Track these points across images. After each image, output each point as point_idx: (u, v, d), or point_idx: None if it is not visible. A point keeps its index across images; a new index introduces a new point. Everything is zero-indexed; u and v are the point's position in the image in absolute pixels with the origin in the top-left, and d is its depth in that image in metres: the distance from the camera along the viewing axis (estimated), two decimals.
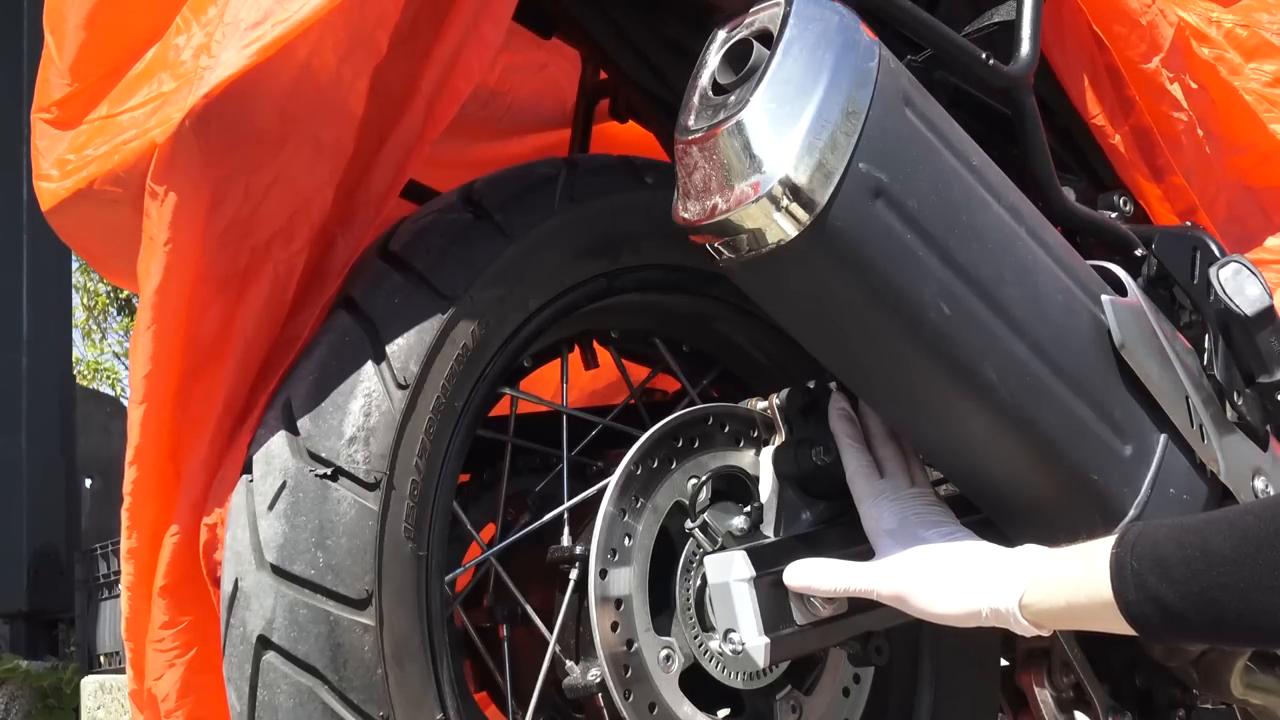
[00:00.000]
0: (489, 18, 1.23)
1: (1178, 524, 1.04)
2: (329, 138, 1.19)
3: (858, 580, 1.18)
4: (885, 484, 1.23)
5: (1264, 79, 1.69)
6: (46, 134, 1.29)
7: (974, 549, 1.16)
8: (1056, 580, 1.09)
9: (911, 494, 1.22)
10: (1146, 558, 1.02)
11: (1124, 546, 1.04)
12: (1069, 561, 1.09)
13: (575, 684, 1.23)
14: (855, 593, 1.18)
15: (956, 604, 1.13)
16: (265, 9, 1.11)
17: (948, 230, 1.12)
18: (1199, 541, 1.00)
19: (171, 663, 1.21)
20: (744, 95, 1.08)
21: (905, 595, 1.16)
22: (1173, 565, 1.00)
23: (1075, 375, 1.19)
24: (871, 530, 1.21)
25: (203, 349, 1.18)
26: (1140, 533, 1.05)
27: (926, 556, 1.17)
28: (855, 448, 1.25)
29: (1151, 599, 1.01)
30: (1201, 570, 0.99)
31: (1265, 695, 1.42)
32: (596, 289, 1.34)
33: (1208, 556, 0.99)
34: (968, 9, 1.47)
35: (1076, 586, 1.07)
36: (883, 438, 1.26)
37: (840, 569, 1.19)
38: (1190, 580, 0.99)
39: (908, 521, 1.20)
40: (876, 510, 1.21)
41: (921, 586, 1.15)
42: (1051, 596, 1.09)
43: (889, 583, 1.17)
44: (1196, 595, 0.99)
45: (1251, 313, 1.37)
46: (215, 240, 1.16)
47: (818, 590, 1.19)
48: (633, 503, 1.22)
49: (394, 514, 1.14)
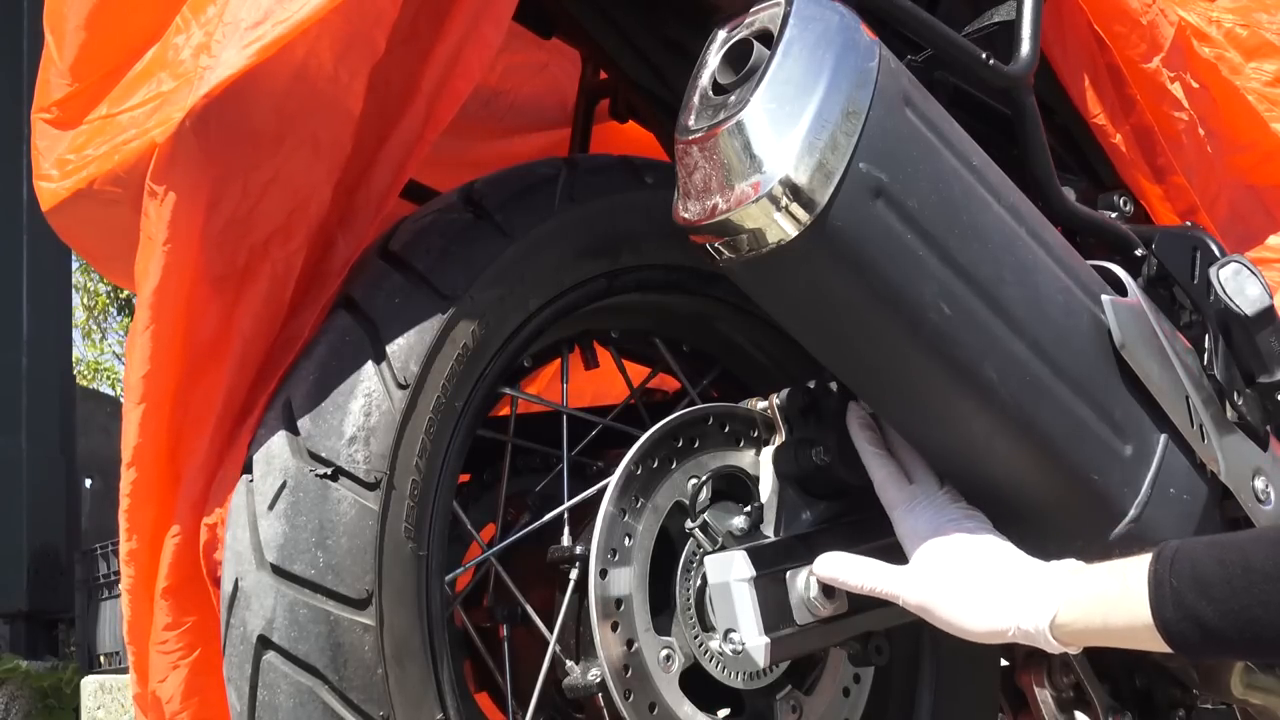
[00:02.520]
0: (489, 18, 1.23)
1: (1215, 541, 1.04)
2: (326, 136, 1.19)
3: (886, 583, 1.17)
4: (916, 489, 1.21)
5: (1264, 78, 1.69)
6: (46, 134, 1.29)
7: (1007, 565, 1.14)
8: (1092, 600, 1.07)
9: (945, 496, 1.21)
10: (1185, 575, 1.01)
11: (1162, 564, 1.03)
12: (1104, 580, 1.08)
13: (575, 684, 1.23)
14: (881, 594, 1.17)
15: (983, 622, 1.12)
16: (265, 9, 1.11)
17: (948, 230, 1.11)
18: (1240, 559, 0.99)
19: (175, 664, 1.21)
20: (744, 95, 1.08)
21: (931, 607, 1.15)
22: (1213, 583, 0.99)
23: (1075, 375, 1.19)
24: (906, 536, 1.20)
25: (201, 349, 1.18)
26: (1178, 550, 1.03)
27: (959, 569, 1.15)
28: (880, 455, 1.24)
29: (1190, 618, 1.00)
30: (1242, 588, 0.98)
31: (1265, 695, 1.42)
32: (596, 289, 1.34)
33: (1249, 574, 0.98)
34: (968, 9, 1.47)
35: (1113, 606, 1.06)
36: (905, 442, 1.25)
37: (870, 567, 1.18)
38: (1231, 598, 0.98)
39: (943, 529, 1.18)
40: (911, 516, 1.20)
41: (949, 601, 1.14)
42: (1087, 616, 1.07)
43: (917, 592, 1.15)
44: (1237, 614, 0.98)
45: (1251, 313, 1.37)
46: (213, 239, 1.16)
47: (845, 585, 1.19)
48: (633, 503, 1.22)
49: (394, 514, 1.14)
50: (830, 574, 1.19)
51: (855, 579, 1.18)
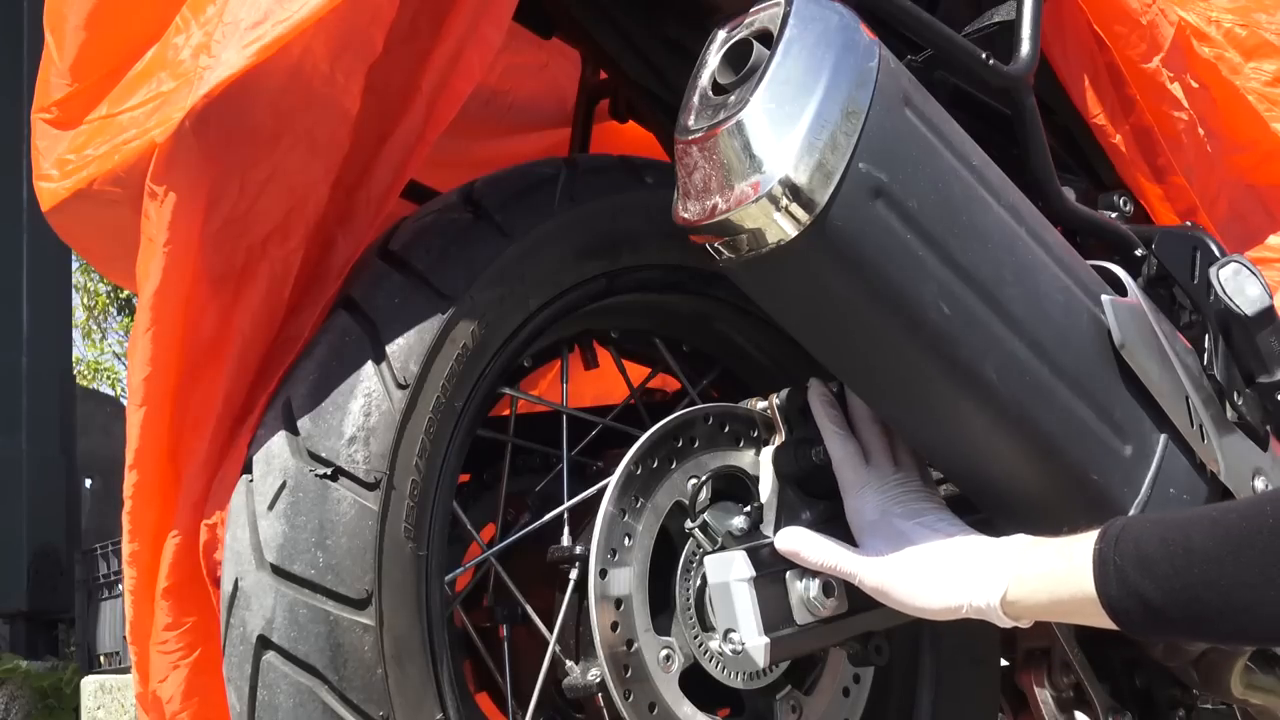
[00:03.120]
0: (489, 18, 1.23)
1: (1161, 519, 1.04)
2: (323, 135, 1.19)
3: (844, 563, 1.18)
4: (869, 472, 1.22)
5: (1264, 78, 1.69)
6: (46, 134, 1.29)
7: (955, 542, 1.16)
8: (1039, 576, 1.09)
9: (895, 480, 1.22)
10: (1129, 554, 1.02)
11: (1107, 541, 1.04)
12: (1052, 556, 1.09)
13: (575, 684, 1.23)
14: (840, 574, 1.18)
15: (936, 599, 1.14)
16: (265, 9, 1.11)
17: (948, 230, 1.12)
18: (1182, 538, 1.00)
19: (176, 664, 1.21)
20: (744, 95, 1.08)
21: (885, 588, 1.16)
22: (1155, 561, 1.00)
23: (1075, 375, 1.19)
24: (854, 522, 1.21)
25: (201, 349, 1.18)
26: (1123, 528, 1.04)
27: (907, 550, 1.16)
28: (839, 434, 1.24)
29: (1133, 595, 1.01)
30: (1184, 567, 0.99)
31: (1265, 695, 1.42)
32: (596, 289, 1.34)
33: (1190, 554, 0.99)
34: (968, 9, 1.47)
35: (1060, 582, 1.07)
36: (867, 421, 1.25)
37: (829, 547, 1.19)
38: (1172, 577, 0.99)
39: (890, 513, 1.19)
40: (859, 502, 1.21)
41: (902, 580, 1.15)
42: (1034, 593, 1.09)
43: (871, 574, 1.17)
44: (1179, 592, 0.99)
45: (1251, 313, 1.37)
46: (212, 239, 1.16)
47: (803, 560, 1.19)
48: (633, 503, 1.22)
49: (394, 514, 1.14)
50: (791, 548, 1.20)
51: (814, 556, 1.19)
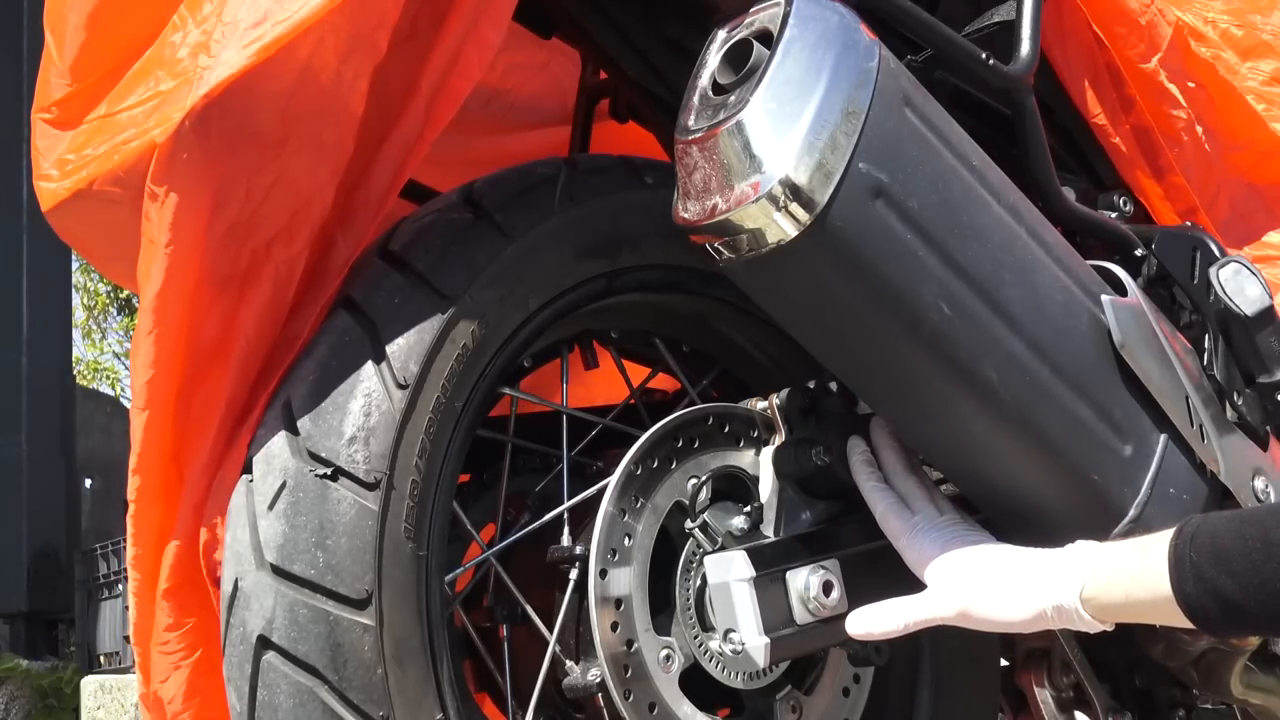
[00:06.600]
0: (489, 18, 1.23)
1: (1237, 515, 1.04)
2: (330, 138, 1.19)
3: (918, 612, 1.17)
4: (918, 517, 1.22)
5: (1261, 78, 1.69)
6: (46, 134, 1.29)
7: (1024, 554, 1.15)
8: (1114, 575, 1.08)
9: (945, 520, 1.22)
10: (1206, 550, 1.01)
11: (1182, 539, 1.03)
12: (1126, 555, 1.08)
13: (575, 684, 1.23)
14: (922, 624, 1.17)
15: (1020, 609, 1.12)
16: (264, 9, 1.10)
17: (948, 230, 1.12)
18: (1260, 533, 0.99)
19: (177, 665, 1.21)
20: (744, 95, 1.08)
21: (968, 610, 1.15)
22: (1233, 557, 1.00)
23: (1075, 375, 1.19)
24: (916, 562, 1.20)
25: (204, 352, 1.18)
26: (1199, 525, 1.04)
27: (980, 570, 1.16)
28: (880, 488, 1.24)
29: (1210, 591, 1.00)
30: (1262, 561, 0.98)
31: (1265, 695, 1.42)
32: (596, 289, 1.34)
33: (1269, 547, 0.98)
34: (968, 9, 1.47)
35: (1135, 580, 1.06)
36: (902, 474, 1.25)
37: (898, 607, 1.18)
38: (1250, 572, 0.98)
39: (950, 546, 1.18)
40: (917, 543, 1.20)
41: (982, 598, 1.14)
42: (1109, 591, 1.08)
43: (950, 604, 1.16)
44: (1257, 588, 0.98)
45: (1251, 313, 1.37)
46: (217, 242, 1.16)
47: (883, 635, 1.18)
48: (633, 503, 1.22)
49: (394, 514, 1.14)
50: (864, 631, 1.19)
51: (889, 625, 1.18)
